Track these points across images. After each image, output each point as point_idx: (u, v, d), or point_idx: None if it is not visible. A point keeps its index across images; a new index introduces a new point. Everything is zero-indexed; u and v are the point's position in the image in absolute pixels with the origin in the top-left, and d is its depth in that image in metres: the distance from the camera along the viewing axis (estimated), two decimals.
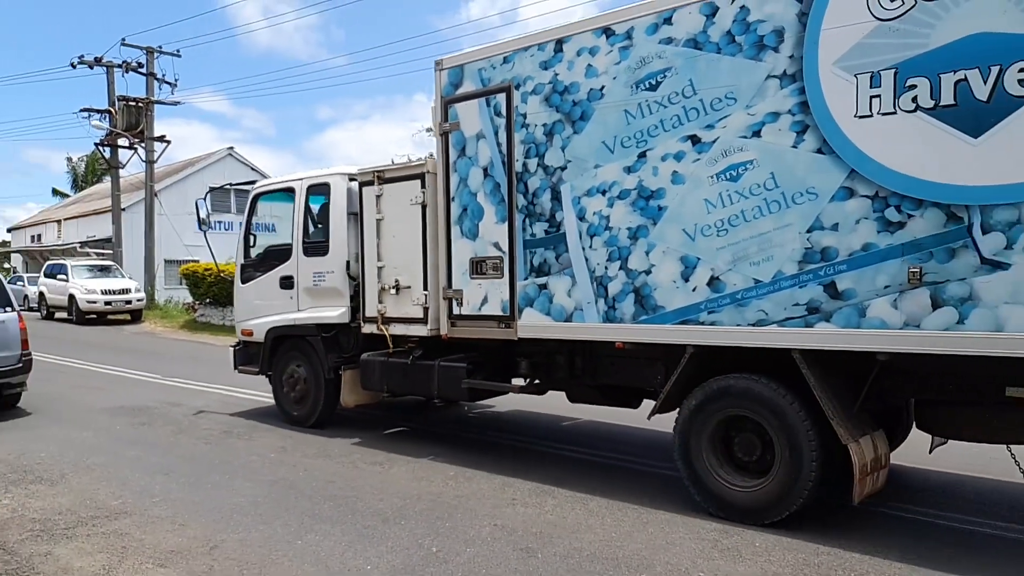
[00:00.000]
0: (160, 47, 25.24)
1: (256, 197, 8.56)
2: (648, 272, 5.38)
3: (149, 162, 25.24)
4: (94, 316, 22.36)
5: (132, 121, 24.75)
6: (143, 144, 25.08)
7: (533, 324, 6.09)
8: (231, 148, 35.56)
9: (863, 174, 4.48)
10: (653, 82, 5.32)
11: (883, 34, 4.40)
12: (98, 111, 24.94)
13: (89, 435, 7.79)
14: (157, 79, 25.22)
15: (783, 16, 4.75)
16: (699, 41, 5.11)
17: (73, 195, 49.24)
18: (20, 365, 8.78)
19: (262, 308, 8.33)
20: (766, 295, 4.86)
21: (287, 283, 8.02)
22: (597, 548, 4.57)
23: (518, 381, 6.70)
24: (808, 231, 4.68)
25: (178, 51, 25.67)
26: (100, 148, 26.19)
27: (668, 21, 5.25)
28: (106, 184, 33.90)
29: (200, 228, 8.64)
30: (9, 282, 9.48)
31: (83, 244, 32.51)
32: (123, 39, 25.49)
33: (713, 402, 5.15)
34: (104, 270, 23.77)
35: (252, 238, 8.61)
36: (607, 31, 5.56)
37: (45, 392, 10.03)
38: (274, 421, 8.28)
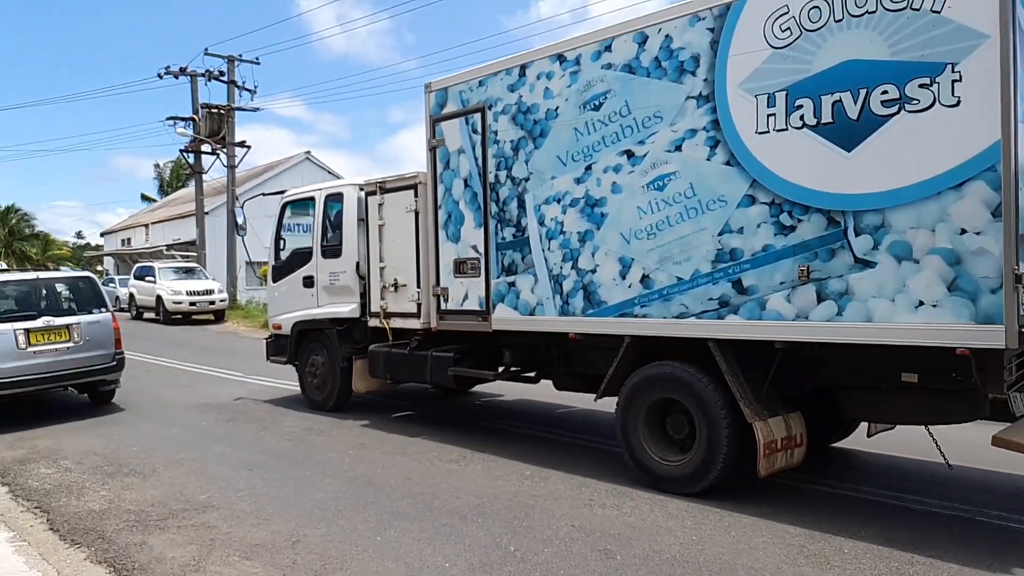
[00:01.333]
0: (240, 55, 26.03)
1: (284, 205, 9.60)
2: (594, 271, 6.08)
3: (230, 167, 25.96)
4: (180, 316, 23.20)
5: (214, 128, 25.56)
6: (224, 150, 25.85)
7: (504, 318, 6.86)
8: (308, 152, 36.54)
9: (763, 183, 5.08)
10: (597, 103, 6.01)
11: (777, 60, 4.99)
12: (183, 119, 25.82)
13: (177, 431, 8.17)
14: (237, 86, 25.98)
15: (699, 44, 5.38)
16: (633, 66, 5.78)
17: (160, 200, 51.23)
18: (114, 363, 9.24)
19: (289, 304, 9.36)
20: (686, 291, 5.50)
21: (308, 282, 9.02)
22: (677, 551, 4.51)
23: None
24: (719, 234, 5.30)
25: (257, 59, 26.47)
26: (184, 154, 27.09)
27: (608, 48, 5.94)
28: (190, 189, 35.07)
29: (237, 233, 9.72)
30: (102, 284, 10.26)
31: (169, 247, 33.66)
32: (206, 49, 26.32)
33: (644, 386, 5.82)
34: (189, 272, 24.60)
35: (281, 242, 9.65)
36: (560, 57, 6.28)
37: (136, 389, 10.49)
38: (352, 419, 8.50)
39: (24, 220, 49.08)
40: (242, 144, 26.09)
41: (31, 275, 9.61)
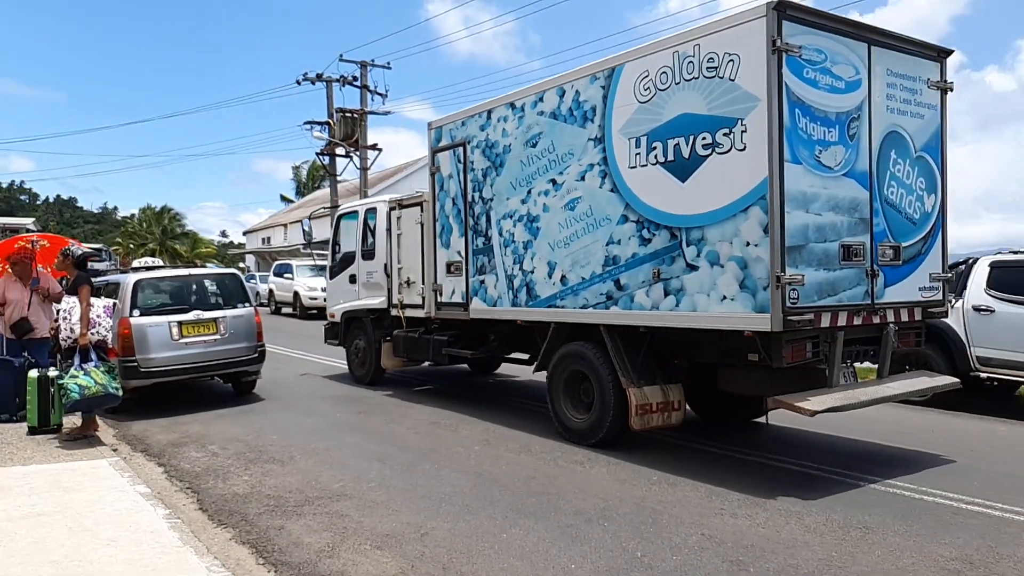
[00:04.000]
0: (372, 60, 26.91)
1: (338, 217, 11.86)
2: (532, 272, 7.80)
3: (363, 169, 26.90)
4: (315, 311, 23.24)
5: (348, 131, 26.33)
6: (357, 152, 26.73)
7: (477, 308, 8.69)
8: None
9: (632, 206, 6.65)
10: (534, 142, 7.73)
11: (641, 112, 6.56)
12: (318, 123, 26.83)
13: (313, 421, 8.58)
14: (370, 91, 26.79)
15: (596, 97, 7.01)
16: (556, 113, 7.47)
17: (297, 201, 54.71)
18: (256, 355, 9.71)
19: (340, 297, 11.58)
20: (587, 287, 7.13)
21: (352, 279, 11.20)
22: (815, 567, 4.28)
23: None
24: (607, 244, 6.90)
25: (388, 63, 27.23)
26: (320, 157, 28.46)
27: (541, 99, 7.65)
28: (325, 190, 36.72)
29: (304, 239, 12.03)
30: (245, 280, 11.22)
31: (305, 246, 36.67)
32: (340, 55, 27.88)
33: (562, 361, 7.50)
34: (324, 269, 26.35)
35: (337, 247, 11.89)
36: (512, 105, 8.03)
37: (275, 380, 10.98)
38: (478, 414, 8.72)
39: (175, 220, 54.01)
40: (374, 147, 26.89)
41: (183, 271, 10.70)
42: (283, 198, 59.96)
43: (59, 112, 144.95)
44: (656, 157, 6.42)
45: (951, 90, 6.82)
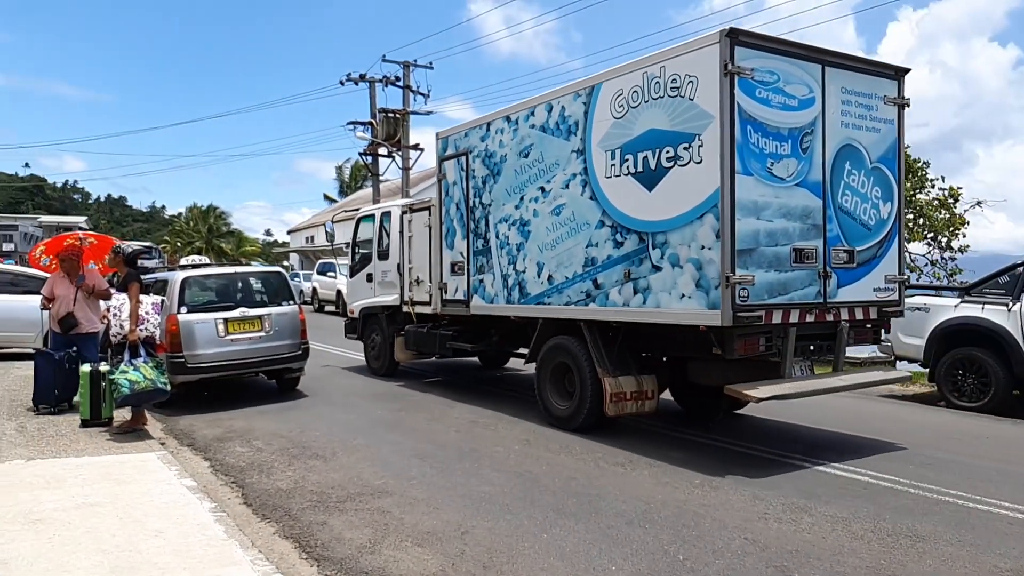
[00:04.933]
0: (415, 61, 26.93)
1: (358, 220, 12.70)
2: (524, 272, 8.50)
3: (405, 169, 26.75)
4: None
5: (390, 131, 26.33)
6: (399, 152, 26.68)
7: (477, 305, 9.41)
8: None
9: (608, 212, 7.30)
10: (526, 152, 8.42)
11: (616, 127, 7.21)
12: (361, 123, 26.79)
13: (354, 418, 8.69)
14: (412, 91, 26.89)
15: (578, 113, 7.67)
16: (544, 127, 8.15)
17: (340, 200, 55.26)
18: (299, 352, 9.85)
19: (359, 295, 12.42)
20: (570, 286, 7.80)
21: (369, 278, 12.02)
22: (863, 575, 4.25)
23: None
24: (587, 247, 7.56)
25: (431, 63, 27.16)
26: (362, 157, 28.30)
27: (532, 113, 8.34)
28: (368, 190, 36.08)
29: (327, 241, 12.88)
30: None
31: (348, 245, 37.05)
32: (383, 56, 27.67)
33: (548, 353, 8.18)
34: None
35: (356, 247, 12.73)
36: (508, 119, 8.74)
37: (318, 376, 11.25)
38: (518, 415, 8.70)
39: (221, 219, 55.06)
40: (415, 147, 26.85)
41: (229, 270, 10.98)
42: (326, 197, 60.81)
43: (110, 114, 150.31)
44: (628, 168, 7.06)
45: (908, 105, 7.34)
